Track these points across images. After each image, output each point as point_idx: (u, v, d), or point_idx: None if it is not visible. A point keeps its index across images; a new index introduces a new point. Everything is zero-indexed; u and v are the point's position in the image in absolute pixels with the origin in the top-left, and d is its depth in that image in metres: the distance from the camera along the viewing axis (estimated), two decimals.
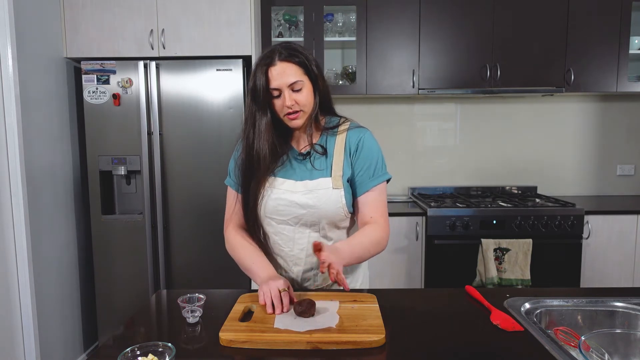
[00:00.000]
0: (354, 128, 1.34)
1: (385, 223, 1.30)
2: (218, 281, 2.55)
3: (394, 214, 2.67)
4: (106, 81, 2.48)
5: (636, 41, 2.83)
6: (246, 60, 2.54)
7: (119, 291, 2.59)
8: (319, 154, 1.31)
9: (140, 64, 2.46)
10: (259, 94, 1.24)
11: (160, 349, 0.90)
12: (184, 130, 2.51)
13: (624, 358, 1.03)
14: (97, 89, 2.49)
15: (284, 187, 1.29)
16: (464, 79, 2.82)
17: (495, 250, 2.54)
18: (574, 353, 0.96)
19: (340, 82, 2.98)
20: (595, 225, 2.65)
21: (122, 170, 2.52)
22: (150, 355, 0.88)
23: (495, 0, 2.77)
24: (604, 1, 2.76)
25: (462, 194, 3.13)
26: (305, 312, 1.06)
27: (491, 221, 2.59)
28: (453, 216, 2.59)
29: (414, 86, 2.84)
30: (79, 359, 2.64)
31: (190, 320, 1.11)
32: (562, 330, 1.08)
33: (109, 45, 2.49)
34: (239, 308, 1.15)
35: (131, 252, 2.56)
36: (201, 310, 1.12)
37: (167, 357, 0.87)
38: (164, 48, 2.49)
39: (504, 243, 2.53)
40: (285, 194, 1.29)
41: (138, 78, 2.47)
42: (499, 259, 2.55)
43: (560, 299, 1.23)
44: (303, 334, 1.00)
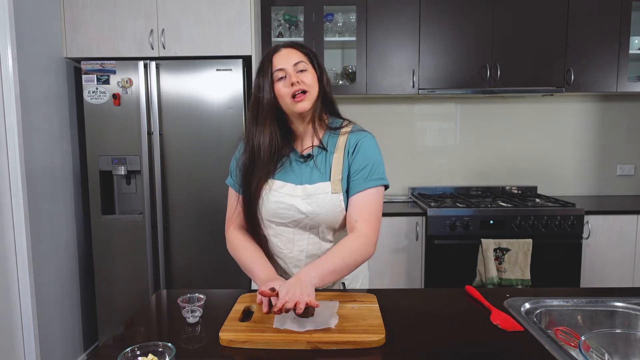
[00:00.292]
0: (356, 131, 1.33)
1: (368, 229, 1.23)
2: (218, 281, 2.55)
3: (394, 214, 2.67)
4: (106, 81, 2.48)
5: (636, 41, 2.83)
6: (246, 60, 2.54)
7: (119, 291, 2.59)
8: (323, 149, 1.30)
9: (140, 64, 2.46)
10: (263, 84, 1.24)
11: (160, 349, 0.90)
12: (184, 130, 2.51)
13: (624, 358, 1.03)
14: (97, 89, 2.49)
15: (283, 191, 1.29)
16: (464, 79, 2.82)
17: (495, 250, 2.54)
18: (574, 353, 0.96)
19: (340, 82, 2.98)
20: (595, 225, 2.65)
21: (122, 170, 2.52)
22: (150, 355, 0.88)
23: (495, 0, 2.77)
24: (604, 1, 2.76)
25: (462, 194, 3.14)
26: (305, 313, 1.06)
27: (491, 221, 2.59)
28: (453, 216, 2.59)
29: (414, 86, 2.84)
30: (79, 359, 2.64)
31: (190, 320, 1.11)
32: (562, 330, 1.08)
33: (109, 45, 2.49)
34: (239, 308, 1.15)
35: (131, 252, 2.56)
36: (201, 310, 1.12)
37: (167, 357, 0.87)
38: (164, 48, 2.49)
39: (504, 243, 2.53)
40: (284, 198, 1.28)
41: (138, 78, 2.47)
42: (499, 259, 2.55)
43: (560, 299, 1.23)
44: (303, 334, 1.00)
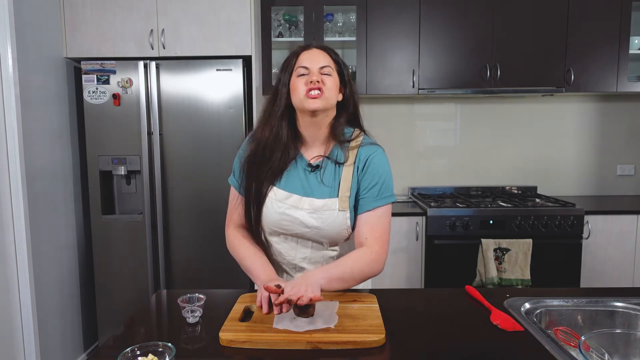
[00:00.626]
0: (366, 145, 1.28)
1: (379, 246, 1.22)
2: (218, 281, 2.55)
3: (394, 214, 2.64)
4: (106, 81, 2.48)
5: (636, 41, 2.83)
6: (246, 60, 2.54)
7: (119, 291, 2.59)
8: (334, 162, 1.26)
9: (140, 64, 2.46)
10: (284, 78, 1.23)
11: (160, 349, 0.90)
12: (184, 130, 2.51)
13: (624, 358, 1.03)
14: (97, 89, 2.48)
15: (289, 202, 1.25)
16: (463, 79, 2.82)
17: (495, 250, 2.54)
18: (574, 353, 0.96)
19: None
20: (595, 225, 2.65)
21: (122, 170, 2.52)
22: (150, 355, 0.88)
23: (495, 0, 2.77)
24: (604, 1, 2.75)
25: (462, 194, 3.13)
26: (305, 313, 1.06)
27: (491, 221, 2.59)
28: (453, 216, 2.59)
29: (414, 86, 2.84)
30: (79, 359, 2.64)
31: (190, 320, 1.11)
32: (562, 330, 1.08)
33: (109, 45, 2.49)
34: (239, 308, 1.15)
35: (131, 252, 2.56)
36: (201, 310, 1.12)
37: (167, 357, 0.87)
38: (164, 48, 2.49)
39: (504, 243, 2.53)
40: (289, 210, 1.25)
41: (138, 78, 2.47)
42: (499, 259, 2.55)
43: (560, 299, 1.23)
44: (303, 334, 1.00)
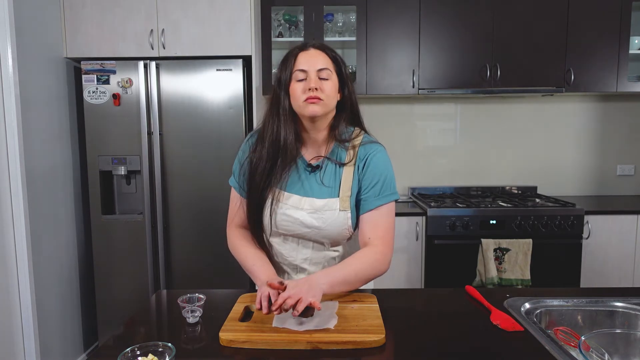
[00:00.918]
0: (366, 143, 1.28)
1: (383, 245, 1.22)
2: (218, 281, 2.55)
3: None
4: (106, 81, 2.48)
5: (636, 41, 2.83)
6: (246, 60, 2.54)
7: (119, 291, 2.59)
8: (334, 162, 1.26)
9: (140, 64, 2.46)
10: (282, 79, 1.22)
11: (160, 349, 0.90)
12: (184, 130, 2.51)
13: (624, 358, 1.03)
14: (97, 89, 2.48)
15: (289, 203, 1.25)
16: (464, 79, 2.82)
17: (495, 250, 2.54)
18: (574, 353, 0.96)
19: None
20: (595, 225, 2.65)
21: (122, 170, 2.52)
22: (150, 355, 0.88)
23: (495, 0, 2.77)
24: (604, 1, 2.75)
25: (462, 194, 3.13)
26: (305, 313, 1.06)
27: (491, 221, 2.59)
28: (453, 216, 2.59)
29: (414, 86, 2.84)
30: (79, 359, 2.64)
31: (190, 320, 1.11)
32: (562, 330, 1.08)
33: (109, 45, 2.49)
34: (239, 308, 1.15)
35: (131, 252, 2.56)
36: (201, 310, 1.12)
37: (167, 357, 0.87)
38: (164, 48, 2.49)
39: (504, 243, 2.53)
40: (290, 210, 1.25)
41: (138, 78, 2.47)
42: (499, 259, 2.55)
43: (560, 299, 1.23)
44: (303, 334, 1.00)
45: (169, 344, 0.91)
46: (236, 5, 2.46)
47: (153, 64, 2.46)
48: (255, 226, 1.30)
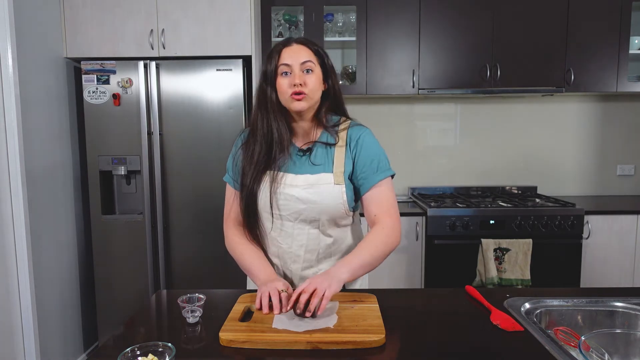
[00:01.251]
0: (354, 126, 1.35)
1: (390, 220, 1.26)
2: (218, 281, 2.55)
3: None
4: (106, 81, 2.48)
5: (636, 41, 2.83)
6: (246, 60, 2.54)
7: (119, 291, 2.59)
8: (324, 144, 1.31)
9: (140, 64, 2.46)
10: (271, 73, 1.26)
11: (160, 349, 0.90)
12: (184, 130, 2.51)
13: (624, 358, 1.03)
14: (97, 89, 2.49)
15: (284, 182, 1.28)
16: (464, 79, 2.82)
17: (495, 250, 2.54)
18: (574, 353, 0.96)
19: (340, 82, 2.98)
20: (595, 225, 2.65)
21: (122, 170, 2.52)
22: (150, 355, 0.88)
23: (495, 0, 2.77)
24: (604, 1, 2.75)
25: (462, 194, 3.13)
26: (305, 313, 1.06)
27: (491, 221, 2.59)
28: (453, 216, 2.59)
29: (414, 86, 2.84)
30: (79, 359, 2.64)
31: (190, 320, 1.11)
32: (562, 330, 1.08)
33: (109, 45, 2.49)
34: (239, 308, 1.15)
35: (131, 252, 2.56)
36: (201, 310, 1.12)
37: (167, 357, 0.87)
38: (164, 48, 2.49)
39: (504, 243, 2.53)
40: (285, 188, 1.28)
41: (138, 78, 2.47)
42: (499, 259, 2.55)
43: (560, 299, 1.23)
44: (303, 334, 1.00)
45: (169, 344, 0.91)
46: (236, 5, 2.46)
47: (153, 64, 2.46)
48: (249, 214, 1.31)
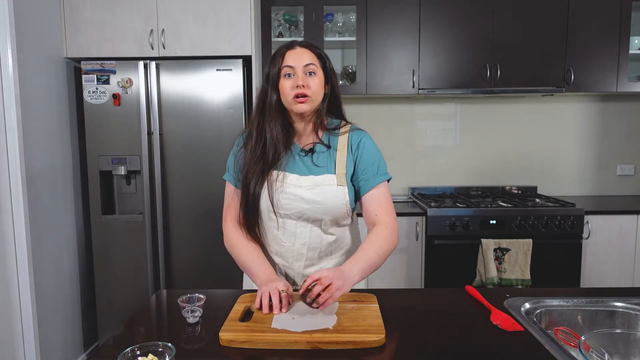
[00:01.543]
0: (355, 130, 1.38)
1: (390, 219, 1.31)
2: (218, 281, 2.55)
3: None
4: (106, 81, 2.48)
5: (636, 41, 2.83)
6: (246, 60, 2.54)
7: (119, 291, 2.59)
8: (325, 145, 1.33)
9: (140, 64, 2.46)
10: (271, 76, 1.28)
11: (160, 349, 0.90)
12: (184, 130, 2.51)
13: (624, 358, 1.03)
14: (97, 89, 2.48)
15: (289, 181, 1.30)
16: (464, 79, 2.82)
17: (495, 250, 2.54)
18: (574, 353, 0.96)
19: (340, 82, 2.98)
20: (595, 225, 2.65)
21: (122, 170, 2.52)
22: (150, 355, 0.88)
23: (496, 1, 2.77)
24: (604, 1, 2.75)
25: (462, 194, 3.13)
26: (314, 302, 1.08)
27: (491, 221, 2.59)
28: (453, 216, 2.59)
29: (414, 86, 2.84)
30: (79, 359, 2.64)
31: (190, 320, 1.11)
32: (562, 330, 1.08)
33: (109, 45, 2.49)
34: (239, 308, 1.15)
35: (131, 252, 2.56)
36: (201, 310, 1.12)
37: (167, 357, 0.87)
38: (164, 48, 2.49)
39: (504, 243, 2.53)
40: (289, 188, 1.30)
41: (138, 78, 2.47)
42: (499, 259, 2.55)
43: (560, 299, 1.23)
44: (303, 334, 1.00)
45: (169, 344, 0.91)
46: (236, 5, 2.46)
47: (153, 64, 2.46)
48: (251, 213, 1.32)
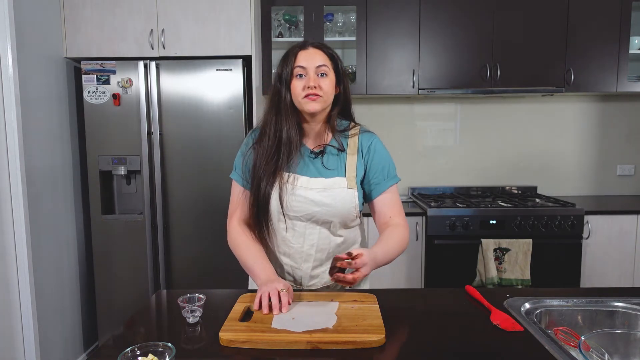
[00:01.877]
0: (364, 132, 1.39)
1: (404, 221, 1.35)
2: (218, 281, 2.55)
3: None
4: (106, 81, 2.48)
5: (636, 41, 2.83)
6: (246, 60, 2.54)
7: (119, 291, 2.59)
8: (337, 149, 1.34)
9: (140, 64, 2.46)
10: (283, 76, 1.29)
11: (160, 349, 0.90)
12: (184, 130, 2.51)
13: (624, 358, 1.03)
14: (97, 89, 2.49)
15: (299, 184, 1.30)
16: (464, 79, 2.82)
17: (495, 250, 2.54)
18: (574, 353, 0.96)
19: None
20: (595, 225, 2.65)
21: (122, 170, 2.52)
22: (150, 355, 0.88)
23: (496, 1, 2.77)
24: (604, 1, 2.75)
25: (462, 194, 3.13)
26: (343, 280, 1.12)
27: (491, 221, 2.59)
28: (453, 216, 2.59)
29: (414, 86, 2.84)
30: (79, 359, 2.64)
31: (190, 320, 1.11)
32: (562, 330, 1.08)
33: (109, 45, 2.49)
34: (239, 308, 1.15)
35: (131, 252, 2.56)
36: (201, 310, 1.12)
37: (167, 357, 0.87)
38: (164, 48, 2.49)
39: (504, 243, 2.53)
40: (300, 190, 1.30)
41: (138, 78, 2.47)
42: (499, 259, 2.55)
43: (560, 299, 1.23)
44: (302, 334, 1.00)
45: (169, 344, 0.90)
46: (236, 5, 2.46)
47: (153, 64, 2.46)
48: (259, 214, 1.32)
